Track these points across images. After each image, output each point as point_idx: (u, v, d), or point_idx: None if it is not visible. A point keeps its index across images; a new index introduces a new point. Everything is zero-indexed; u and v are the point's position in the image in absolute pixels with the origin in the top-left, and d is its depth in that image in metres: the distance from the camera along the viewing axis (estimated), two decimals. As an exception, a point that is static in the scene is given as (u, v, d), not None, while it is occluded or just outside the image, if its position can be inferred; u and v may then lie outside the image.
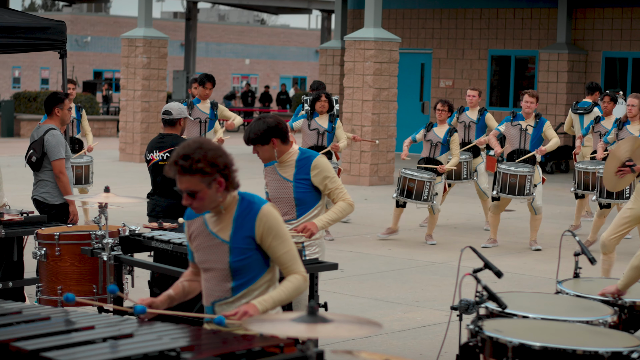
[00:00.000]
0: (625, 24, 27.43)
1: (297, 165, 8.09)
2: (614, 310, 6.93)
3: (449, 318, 7.18)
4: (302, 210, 8.18)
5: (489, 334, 6.22)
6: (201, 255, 5.98)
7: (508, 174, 14.92)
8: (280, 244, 5.86)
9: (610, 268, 11.68)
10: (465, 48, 29.91)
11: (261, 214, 5.82)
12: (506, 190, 14.95)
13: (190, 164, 5.60)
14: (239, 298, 5.96)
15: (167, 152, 10.14)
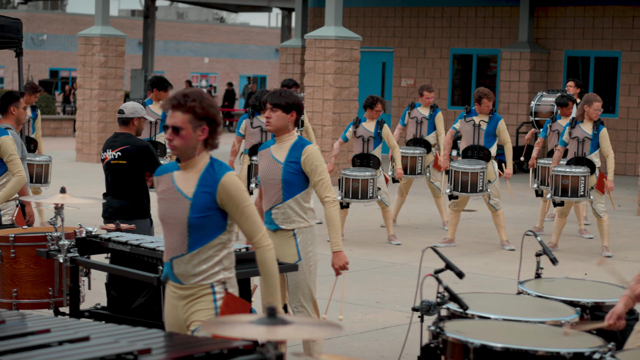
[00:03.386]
0: (587, 22, 27.58)
1: (291, 149, 8.24)
2: (576, 311, 6.97)
3: (410, 319, 7.21)
4: (288, 193, 8.24)
5: (451, 335, 6.23)
6: (164, 209, 6.29)
7: (460, 171, 15.05)
8: (239, 211, 6.20)
9: None
10: (426, 47, 29.99)
11: (224, 179, 6.16)
12: (459, 188, 15.07)
13: (187, 102, 6.08)
14: (194, 255, 6.24)
15: (119, 151, 10.11)
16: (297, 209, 8.26)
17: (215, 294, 6.29)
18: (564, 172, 14.90)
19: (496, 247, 15.66)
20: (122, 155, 10.07)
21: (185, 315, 6.38)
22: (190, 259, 6.27)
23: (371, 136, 15.56)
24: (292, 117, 8.19)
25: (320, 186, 8.20)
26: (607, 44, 27.36)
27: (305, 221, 8.30)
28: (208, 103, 6.15)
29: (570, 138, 15.02)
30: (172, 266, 6.34)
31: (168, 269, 6.37)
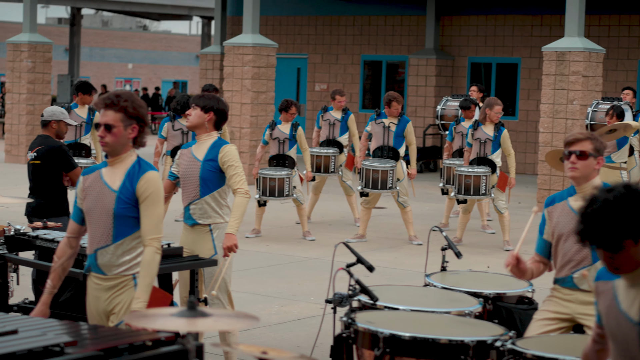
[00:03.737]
0: (489, 30, 27.80)
1: (210, 148, 8.26)
2: (479, 302, 7.02)
3: (323, 311, 7.20)
4: (206, 190, 8.24)
5: (362, 326, 6.25)
6: (90, 202, 6.33)
7: (371, 169, 15.13)
8: (147, 207, 6.26)
9: None
10: (339, 53, 30.03)
11: (146, 176, 6.25)
12: (370, 185, 15.16)
13: (119, 101, 6.19)
14: (118, 246, 6.30)
15: (35, 151, 10.06)
16: (213, 205, 8.26)
17: (137, 285, 6.28)
18: (467, 172, 15.02)
19: (404, 242, 15.73)
20: (37, 155, 10.02)
21: (108, 306, 6.36)
22: (115, 250, 6.31)
23: (287, 138, 15.59)
24: (209, 117, 8.24)
25: (234, 179, 8.20)
26: (508, 51, 27.60)
27: (221, 217, 8.29)
28: (138, 104, 6.26)
29: (473, 139, 15.15)
30: (96, 257, 6.35)
31: (92, 260, 6.38)
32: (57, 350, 5.20)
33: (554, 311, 6.73)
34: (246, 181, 8.29)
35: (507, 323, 7.09)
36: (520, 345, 5.91)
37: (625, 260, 4.37)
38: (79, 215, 6.46)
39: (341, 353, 6.46)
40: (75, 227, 6.48)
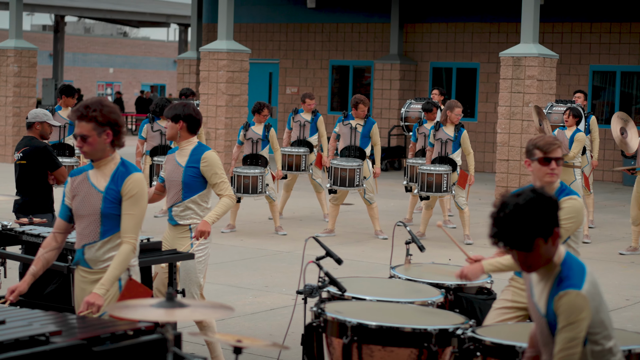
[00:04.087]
0: (449, 37, 27.86)
1: (191, 154, 8.25)
2: (441, 292, 7.04)
3: (295, 301, 7.21)
4: (187, 194, 8.24)
5: (331, 315, 6.25)
6: (79, 202, 6.34)
7: (339, 168, 15.16)
8: (129, 206, 6.27)
9: None
10: (308, 59, 30.03)
11: (132, 177, 6.26)
12: (338, 183, 15.20)
13: (88, 112, 6.14)
14: (105, 243, 6.32)
15: (21, 152, 10.02)
16: (194, 208, 8.26)
17: (120, 280, 6.29)
18: (429, 170, 15.06)
19: (371, 236, 15.74)
20: (23, 156, 9.97)
21: None
22: (102, 246, 6.33)
23: (259, 138, 15.59)
24: (180, 125, 8.23)
25: (220, 187, 8.23)
26: (467, 57, 27.67)
27: (201, 219, 8.27)
28: (108, 110, 6.20)
29: (435, 140, 15.20)
30: (83, 252, 6.37)
31: (79, 254, 6.40)
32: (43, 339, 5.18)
33: (512, 300, 6.76)
34: (231, 188, 8.30)
35: (468, 312, 7.11)
36: (480, 333, 5.93)
37: (536, 259, 4.55)
38: (66, 213, 6.45)
39: (311, 341, 6.46)
40: (62, 224, 6.47)
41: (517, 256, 4.55)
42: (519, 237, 4.48)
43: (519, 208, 4.48)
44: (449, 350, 6.13)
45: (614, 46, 25.54)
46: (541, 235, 4.50)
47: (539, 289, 4.66)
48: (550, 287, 4.61)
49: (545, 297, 4.60)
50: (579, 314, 4.55)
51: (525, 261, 4.56)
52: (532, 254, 4.54)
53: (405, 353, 6.07)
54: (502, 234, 4.51)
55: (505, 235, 4.50)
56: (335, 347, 6.23)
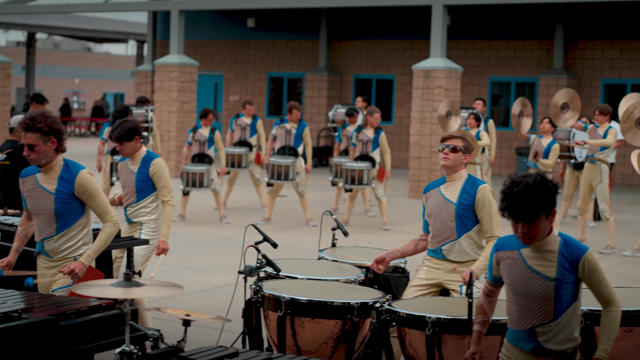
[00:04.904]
0: (370, 52, 27.93)
1: (142, 162, 8.19)
2: (362, 271, 7.05)
3: (236, 280, 7.17)
4: (140, 196, 8.19)
5: (267, 292, 6.24)
6: (33, 204, 6.32)
7: (276, 164, 15.20)
8: (93, 200, 6.25)
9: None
10: (249, 71, 29.94)
11: (79, 177, 6.22)
12: (275, 177, 15.24)
13: (34, 124, 6.10)
14: (61, 236, 6.28)
15: (5, 153, 9.85)
16: (145, 209, 8.21)
17: (91, 246, 6.30)
18: (352, 167, 15.10)
19: (302, 224, 15.74)
20: (7, 157, 9.81)
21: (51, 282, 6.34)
22: (58, 239, 6.30)
23: (206, 139, 15.57)
24: (135, 141, 8.16)
25: (163, 192, 8.19)
26: (385, 69, 27.77)
27: (151, 215, 8.23)
28: (52, 121, 6.17)
29: (357, 140, 15.25)
30: (42, 244, 6.36)
31: (40, 246, 6.39)
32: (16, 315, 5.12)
33: (426, 278, 6.78)
34: (172, 191, 8.24)
35: (385, 288, 7.13)
36: (395, 305, 5.95)
37: (537, 232, 4.65)
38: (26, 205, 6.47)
39: (251, 314, 6.45)
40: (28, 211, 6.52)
41: (521, 228, 4.64)
42: (526, 212, 4.58)
43: (529, 187, 4.58)
44: (368, 321, 6.14)
45: (509, 60, 25.78)
46: (544, 212, 4.61)
47: (536, 259, 4.73)
48: (557, 253, 4.71)
49: (553, 263, 4.69)
50: (600, 267, 4.77)
51: (527, 233, 4.65)
52: (534, 227, 4.63)
53: (332, 324, 6.07)
54: (512, 207, 4.61)
55: (515, 209, 4.60)
56: (271, 319, 6.22)
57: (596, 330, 5.80)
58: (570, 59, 24.95)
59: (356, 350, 6.18)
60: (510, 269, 4.82)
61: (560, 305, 4.71)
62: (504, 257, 4.85)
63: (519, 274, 4.78)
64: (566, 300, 4.72)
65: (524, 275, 4.76)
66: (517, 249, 4.81)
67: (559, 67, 24.75)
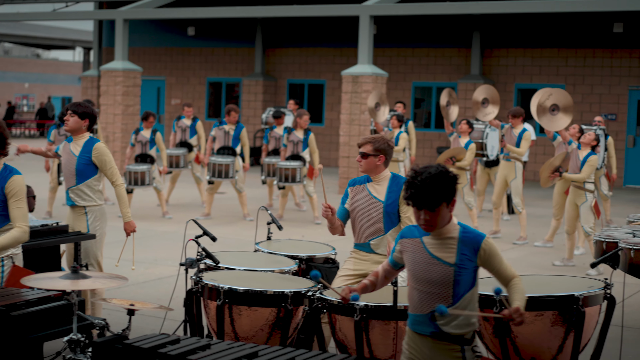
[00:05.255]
0: (302, 59, 27.95)
1: (84, 145, 7.99)
2: (296, 262, 7.06)
3: (178, 272, 7.14)
4: (81, 178, 7.96)
5: (207, 282, 6.22)
6: None
7: (216, 163, 15.17)
8: (14, 202, 6.09)
9: None
10: (189, 76, 29.78)
11: (12, 179, 6.11)
12: (215, 175, 15.22)
13: None
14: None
15: None
16: (87, 191, 8.02)
17: (4, 267, 6.11)
18: (285, 165, 15.12)
19: (240, 218, 15.71)
20: None
21: None
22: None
23: (148, 140, 15.49)
24: (85, 122, 7.99)
25: (110, 173, 8.01)
26: (316, 75, 27.81)
27: (94, 201, 8.05)
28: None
29: (288, 141, 15.26)
30: None
31: None
32: (-32, 307, 5.03)
33: (354, 269, 6.80)
34: (119, 173, 8.12)
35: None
36: (326, 294, 5.97)
37: (438, 220, 4.62)
38: None
39: (192, 303, 6.42)
40: None
41: (423, 215, 4.61)
42: (429, 199, 4.55)
43: (431, 176, 4.55)
44: (301, 308, 6.16)
45: (430, 67, 25.99)
46: (445, 200, 4.59)
47: (437, 246, 4.70)
48: (457, 240, 4.68)
49: (452, 250, 4.66)
50: (498, 251, 4.75)
51: (429, 220, 4.61)
52: (435, 215, 4.59)
53: (267, 311, 6.07)
54: (415, 196, 4.57)
55: (418, 197, 4.57)
56: (210, 308, 6.20)
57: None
58: (486, 65, 25.23)
59: (290, 336, 6.19)
60: (413, 256, 4.77)
61: (459, 290, 4.66)
62: (407, 245, 4.81)
63: (421, 260, 4.74)
64: (464, 286, 4.66)
65: (425, 261, 4.72)
66: (419, 237, 4.78)
67: (476, 73, 25.01)
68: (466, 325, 4.70)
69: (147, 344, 4.57)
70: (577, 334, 5.81)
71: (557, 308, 5.78)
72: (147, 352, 4.50)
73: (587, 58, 23.96)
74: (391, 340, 5.61)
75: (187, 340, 4.71)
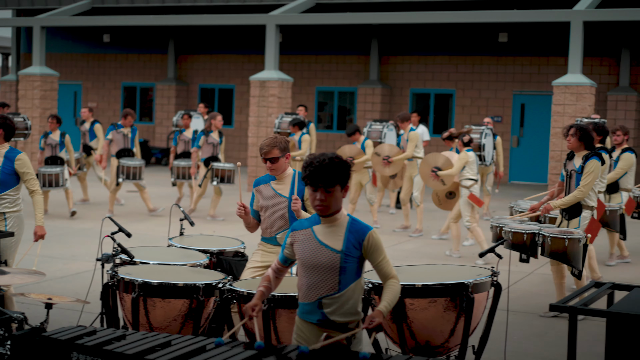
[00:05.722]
0: (212, 65, 27.78)
1: (5, 156, 7.78)
2: (207, 256, 7.03)
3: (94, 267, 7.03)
4: (3, 188, 7.75)
5: (122, 276, 6.15)
6: None
7: (126, 166, 15.08)
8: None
9: None
10: (105, 81, 29.32)
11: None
12: (124, 177, 15.10)
13: None
14: None
15: None
16: (8, 199, 7.84)
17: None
18: (222, 167, 15.04)
19: (154, 215, 15.54)
20: None
21: None
22: None
23: (57, 143, 15.38)
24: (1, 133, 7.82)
25: (30, 182, 7.85)
26: (226, 80, 27.68)
27: (13, 207, 7.88)
28: None
29: (207, 143, 15.14)
30: None
31: None
32: None
33: (261, 260, 6.80)
34: (37, 182, 7.95)
35: (227, 271, 7.14)
36: (236, 285, 5.95)
37: (333, 202, 4.60)
38: None
39: (108, 296, 6.33)
40: None
41: (319, 195, 4.57)
42: (326, 177, 4.52)
43: (328, 158, 4.55)
44: (212, 299, 6.13)
45: (332, 72, 26.13)
46: (340, 182, 4.57)
47: (326, 234, 4.67)
48: (345, 231, 4.65)
49: (340, 237, 4.63)
50: (383, 246, 4.72)
51: (324, 200, 4.57)
52: (330, 195, 4.56)
53: (180, 303, 6.03)
54: (313, 174, 4.54)
55: (316, 175, 4.54)
56: (126, 300, 6.12)
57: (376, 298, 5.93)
58: (383, 71, 25.48)
59: (202, 326, 6.16)
60: (303, 245, 4.74)
61: (345, 278, 4.64)
62: (298, 236, 4.78)
63: (310, 247, 4.71)
64: (350, 275, 4.65)
65: (313, 249, 4.69)
66: (309, 227, 4.75)
67: (375, 79, 25.25)
68: (351, 314, 4.69)
69: (65, 335, 4.49)
70: (467, 319, 5.92)
71: (449, 295, 5.88)
72: (65, 344, 4.42)
73: (476, 65, 24.42)
74: (297, 328, 5.63)
75: (104, 331, 4.64)
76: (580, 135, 8.67)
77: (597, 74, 23.09)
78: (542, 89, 23.59)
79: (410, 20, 19.86)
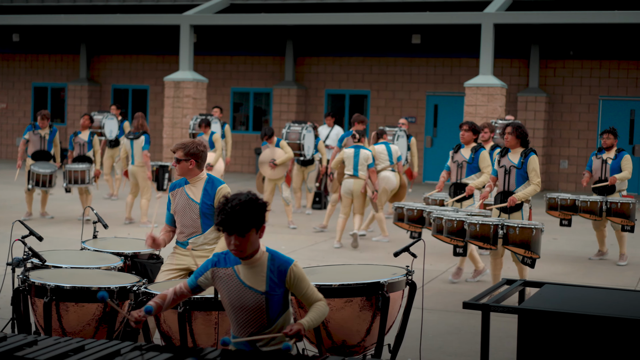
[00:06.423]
0: (126, 65, 27.42)
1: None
2: (121, 259, 6.95)
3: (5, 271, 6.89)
4: None
5: (34, 280, 6.03)
6: None
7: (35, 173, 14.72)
8: None
9: None
10: (15, 81, 28.68)
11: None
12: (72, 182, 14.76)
13: None
14: None
15: None
16: None
17: None
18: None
19: (66, 219, 15.26)
20: None
21: None
22: None
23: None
24: None
25: None
26: (140, 80, 27.38)
27: None
28: None
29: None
30: None
31: None
32: None
33: (176, 264, 6.77)
34: None
35: (142, 273, 7.07)
36: (150, 288, 5.90)
37: (247, 246, 4.54)
38: None
39: (19, 302, 6.20)
40: None
41: (234, 241, 4.51)
42: (239, 225, 4.45)
43: (241, 203, 4.47)
44: (127, 302, 6.06)
45: (248, 73, 26.07)
46: (255, 226, 4.51)
47: (248, 275, 4.63)
48: (266, 268, 4.61)
49: (262, 278, 4.59)
50: (305, 276, 4.69)
51: (239, 246, 4.52)
52: (245, 240, 4.50)
53: (93, 307, 5.95)
54: (226, 221, 4.47)
55: (229, 223, 4.47)
56: (38, 305, 6.01)
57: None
58: (299, 72, 25.54)
59: (116, 329, 6.09)
60: (226, 285, 4.71)
61: (273, 314, 4.66)
62: (221, 274, 4.73)
63: (234, 289, 4.69)
64: (277, 309, 4.66)
65: (238, 290, 4.67)
66: (232, 266, 4.70)
67: (290, 80, 25.29)
68: (278, 343, 4.72)
69: (-26, 342, 4.38)
70: (383, 317, 5.98)
71: (365, 294, 5.93)
72: (-26, 351, 4.31)
73: (389, 66, 24.66)
74: (213, 330, 5.60)
75: (14, 337, 4.54)
76: (517, 133, 9.49)
77: (507, 75, 23.57)
78: (455, 90, 23.97)
79: (325, 22, 19.95)
